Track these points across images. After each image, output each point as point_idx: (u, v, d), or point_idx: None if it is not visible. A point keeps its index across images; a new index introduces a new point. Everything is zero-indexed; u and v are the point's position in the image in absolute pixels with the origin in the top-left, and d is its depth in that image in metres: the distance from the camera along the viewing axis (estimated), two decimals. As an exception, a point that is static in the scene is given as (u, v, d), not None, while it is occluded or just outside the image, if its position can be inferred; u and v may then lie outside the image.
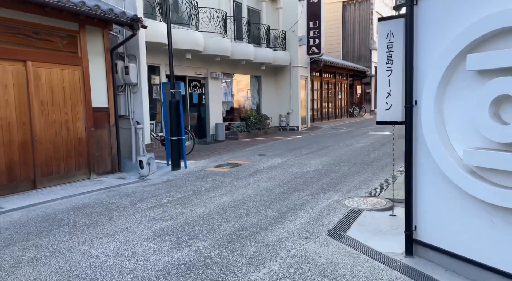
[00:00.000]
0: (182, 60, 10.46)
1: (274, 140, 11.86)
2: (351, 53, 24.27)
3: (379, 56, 4.04)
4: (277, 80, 15.18)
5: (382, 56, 3.98)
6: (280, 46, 14.23)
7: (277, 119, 15.14)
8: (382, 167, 6.79)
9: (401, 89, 3.88)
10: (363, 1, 23.52)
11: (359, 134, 12.65)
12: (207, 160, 8.28)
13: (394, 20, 3.86)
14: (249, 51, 12.02)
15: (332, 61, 17.34)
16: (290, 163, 7.53)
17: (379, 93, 4.07)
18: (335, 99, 20.11)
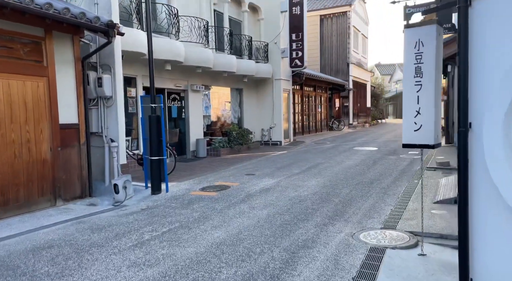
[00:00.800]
0: (161, 71, 9.68)
1: (258, 156, 11.21)
2: (328, 66, 24.24)
3: (405, 69, 3.50)
4: (259, 93, 14.62)
5: (408, 69, 3.44)
6: (262, 58, 13.73)
7: (259, 134, 14.52)
8: (385, 190, 6.26)
9: (434, 107, 3.35)
10: (340, 15, 23.65)
11: (345, 149, 12.23)
12: (190, 182, 7.48)
13: (424, 27, 3.34)
14: (232, 62, 11.40)
15: (314, 74, 17.04)
16: (284, 184, 6.88)
17: (405, 111, 3.52)
18: (315, 112, 19.80)
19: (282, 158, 10.67)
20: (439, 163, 8.04)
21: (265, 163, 9.68)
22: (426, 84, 3.34)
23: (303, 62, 13.91)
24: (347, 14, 23.41)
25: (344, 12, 23.52)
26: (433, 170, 7.84)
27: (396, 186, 6.44)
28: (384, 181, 6.90)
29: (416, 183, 6.63)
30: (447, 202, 5.06)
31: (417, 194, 5.76)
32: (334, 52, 24.10)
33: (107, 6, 7.11)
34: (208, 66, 10.36)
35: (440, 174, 7.33)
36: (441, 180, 6.51)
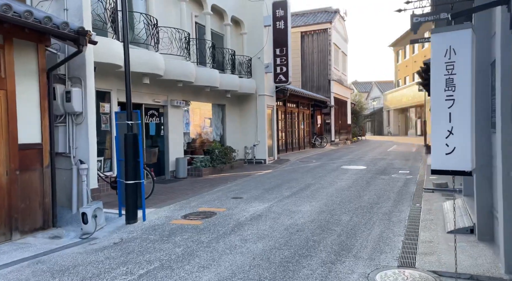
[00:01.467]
0: (139, 85, 8.95)
1: (243, 176, 10.52)
2: (310, 83, 24.09)
3: (433, 81, 2.98)
4: (242, 109, 14.05)
5: (437, 81, 2.93)
6: (245, 73, 13.22)
7: (242, 152, 13.86)
8: (388, 216, 5.71)
9: (470, 126, 2.82)
10: (321, 32, 23.70)
11: (333, 168, 11.73)
12: (171, 207, 6.69)
13: (457, 32, 2.84)
14: (214, 77, 10.80)
15: (297, 90, 16.68)
16: (276, 210, 6.21)
17: (435, 131, 2.98)
18: (298, 129, 19.40)
19: (269, 178, 10.02)
20: (436, 184, 7.62)
21: (252, 184, 9.00)
22: (460, 98, 2.83)
23: (287, 77, 13.50)
24: (328, 31, 23.49)
25: (324, 29, 23.59)
26: (431, 192, 7.40)
27: (398, 211, 5.90)
28: (384, 205, 6.36)
29: (419, 207, 6.13)
30: (462, 232, 4.54)
31: (425, 221, 5.23)
32: (315, 69, 24.02)
33: (78, 12, 6.40)
34: (190, 80, 9.71)
35: (440, 197, 6.88)
36: (444, 205, 6.04)
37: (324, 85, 23.80)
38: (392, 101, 42.97)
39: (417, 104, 36.20)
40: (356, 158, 14.65)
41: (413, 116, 39.62)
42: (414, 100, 36.02)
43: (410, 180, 9.04)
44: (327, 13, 24.87)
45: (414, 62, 40.44)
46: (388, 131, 44.25)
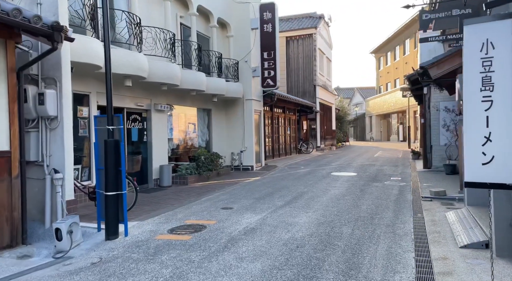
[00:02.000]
0: (120, 88, 8.38)
1: (231, 183, 10.02)
2: (295, 88, 23.87)
3: (465, 79, 2.60)
4: (229, 114, 13.58)
5: (471, 80, 2.55)
6: (232, 77, 12.79)
7: (229, 158, 13.37)
8: (392, 228, 5.35)
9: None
10: (306, 37, 23.57)
11: (323, 175, 11.39)
12: (155, 220, 6.14)
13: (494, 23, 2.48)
14: (201, 80, 10.31)
15: (285, 95, 16.36)
16: (271, 222, 5.76)
17: (468, 138, 2.60)
18: (285, 135, 19.06)
19: (259, 186, 9.57)
20: (435, 192, 7.34)
21: (241, 193, 8.52)
22: (499, 99, 2.46)
23: (275, 81, 13.14)
24: (313, 36, 23.37)
25: (310, 35, 23.46)
26: (430, 200, 7.11)
27: (401, 223, 5.55)
28: (385, 216, 6.00)
29: (421, 218, 5.80)
30: (476, 247, 4.21)
31: (433, 234, 4.89)
32: (300, 74, 23.83)
33: (53, 7, 5.82)
34: (175, 83, 9.19)
35: (440, 206, 6.59)
36: (448, 215, 5.73)
37: (309, 91, 23.62)
38: (374, 107, 43.40)
39: (399, 110, 36.61)
40: (345, 164, 14.39)
41: (395, 122, 40.06)
42: (396, 106, 36.42)
43: (404, 187, 8.77)
44: (312, 19, 24.79)
45: (396, 69, 41.04)
46: (370, 137, 44.62)
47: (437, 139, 11.55)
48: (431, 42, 4.83)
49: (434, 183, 9.03)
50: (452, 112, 11.07)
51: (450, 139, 11.02)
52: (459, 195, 7.06)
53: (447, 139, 11.12)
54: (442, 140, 11.44)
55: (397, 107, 36.40)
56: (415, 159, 16.34)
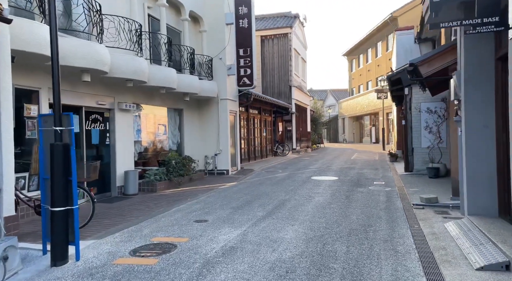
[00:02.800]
0: (78, 84, 7.35)
1: (205, 190, 9.17)
2: (270, 89, 23.26)
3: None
4: (202, 115, 12.70)
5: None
6: (206, 75, 11.92)
7: (202, 162, 12.48)
8: (391, 244, 4.71)
9: None
10: (281, 36, 23.03)
11: (303, 180, 10.74)
12: (116, 238, 5.21)
13: None
14: (171, 77, 9.39)
15: (261, 96, 15.67)
16: (253, 239, 4.98)
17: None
18: (261, 137, 18.35)
19: (236, 193, 8.76)
20: (426, 199, 6.83)
21: (217, 201, 7.69)
22: None
23: (252, 80, 12.40)
24: (288, 36, 22.86)
25: (285, 34, 22.94)
26: (422, 208, 6.58)
27: (399, 237, 4.93)
28: (379, 228, 5.38)
29: (419, 230, 5.22)
30: (495, 269, 3.62)
31: (439, 252, 4.29)
32: (276, 74, 23.24)
33: (-12, -19, 4.79)
34: (142, 80, 8.24)
35: (435, 215, 6.06)
36: (449, 227, 5.18)
37: (285, 91, 23.08)
38: (347, 109, 43.70)
39: (371, 112, 36.92)
40: (324, 168, 13.85)
41: (367, 124, 40.42)
42: (369, 108, 36.71)
43: (391, 193, 8.25)
44: (287, 18, 24.30)
45: (368, 71, 41.47)
46: (343, 139, 44.87)
47: (419, 141, 11.21)
48: (443, 28, 4.30)
49: (420, 188, 8.58)
50: (435, 114, 10.74)
51: (433, 141, 10.68)
52: (452, 202, 6.58)
53: (430, 142, 10.79)
54: (424, 142, 11.10)
55: (369, 109, 36.69)
56: (393, 161, 16.09)
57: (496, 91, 5.09)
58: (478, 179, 5.24)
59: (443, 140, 10.69)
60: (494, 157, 5.14)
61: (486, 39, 5.16)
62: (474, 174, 5.27)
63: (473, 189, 5.27)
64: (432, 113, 10.78)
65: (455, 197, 6.77)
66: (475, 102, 5.27)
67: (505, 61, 4.95)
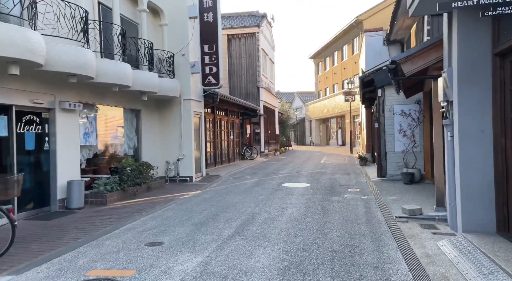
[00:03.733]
0: (4, 78, 6.09)
1: (164, 201, 8.10)
2: (238, 90, 22.38)
3: None
4: (164, 116, 11.57)
5: None
6: (167, 72, 10.83)
7: (163, 168, 11.35)
8: (382, 270, 3.95)
9: None
10: (249, 36, 22.24)
11: (273, 187, 9.93)
12: (40, 271, 4.08)
13: None
14: (125, 72, 8.25)
15: (228, 96, 14.74)
16: (217, 269, 4.04)
17: None
18: (228, 140, 17.40)
19: (199, 204, 7.78)
20: (409, 210, 6.21)
21: (176, 215, 6.67)
22: None
23: (218, 79, 11.45)
24: (256, 35, 22.11)
25: (252, 33, 22.17)
26: (405, 221, 5.94)
27: (391, 261, 4.19)
28: (365, 249, 4.62)
29: (409, 250, 4.52)
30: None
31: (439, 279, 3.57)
32: (243, 75, 22.40)
33: None
34: (88, 75, 7.05)
35: (421, 230, 5.42)
36: (444, 247, 4.51)
37: (253, 93, 22.28)
38: (314, 112, 43.75)
39: (338, 115, 37.04)
40: (295, 173, 13.14)
41: (334, 126, 40.58)
42: (336, 110, 36.81)
43: (368, 202, 7.61)
44: (254, 17, 23.56)
45: (334, 74, 41.69)
46: (310, 141, 44.86)
47: (392, 145, 10.75)
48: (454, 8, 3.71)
49: (398, 196, 8.02)
50: (409, 116, 10.32)
51: (407, 145, 10.23)
52: (438, 214, 5.99)
53: (404, 146, 10.34)
54: (397, 146, 10.66)
55: (336, 112, 36.79)
56: (363, 165, 15.71)
57: (494, 90, 4.51)
58: (473, 190, 4.63)
59: (418, 144, 10.28)
60: (491, 166, 4.55)
61: (483, 31, 4.57)
62: (469, 185, 4.65)
63: (468, 202, 4.66)
64: (406, 116, 10.35)
65: (439, 208, 6.20)
66: (469, 103, 4.66)
67: (504, 56, 4.36)
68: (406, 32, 14.90)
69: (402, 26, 14.12)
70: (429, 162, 9.71)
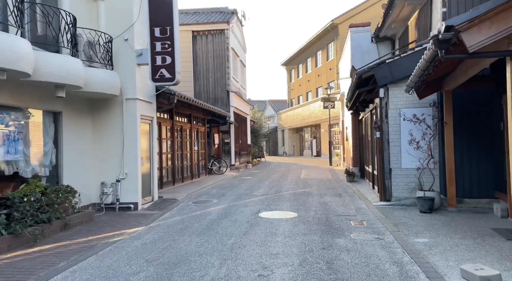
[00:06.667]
0: None
1: (81, 250, 5.17)
2: (205, 94, 19.63)
3: None
4: (99, 122, 8.60)
5: None
6: (103, 62, 7.92)
7: (97, 192, 8.36)
8: None
9: None
10: (217, 33, 19.63)
11: (248, 219, 7.20)
12: None
13: None
14: (17, 51, 5.27)
15: (190, 98, 11.92)
16: None
17: None
18: (192, 151, 14.51)
19: (133, 256, 4.91)
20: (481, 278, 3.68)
21: (80, 293, 3.80)
22: None
23: (174, 73, 8.64)
24: (225, 33, 19.53)
25: (221, 30, 19.58)
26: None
27: None
28: None
29: None
30: None
31: None
32: (211, 77, 19.68)
33: None
34: None
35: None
36: None
37: (222, 97, 19.60)
38: (287, 121, 41.68)
39: (312, 124, 35.01)
40: (273, 193, 10.48)
41: (308, 136, 38.57)
42: (310, 119, 34.78)
43: (392, 250, 5.06)
44: (223, 13, 21.01)
45: (308, 81, 39.83)
46: (283, 152, 42.64)
47: (399, 160, 8.37)
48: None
49: (429, 237, 5.55)
50: (423, 123, 7.97)
51: (423, 160, 7.85)
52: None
53: (418, 161, 7.96)
54: (406, 161, 8.28)
55: (310, 121, 34.79)
56: (351, 181, 13.35)
57: None
58: None
59: (436, 159, 7.95)
60: None
61: None
62: None
63: None
64: (419, 122, 8.00)
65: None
66: None
67: None
68: (400, 25, 12.80)
69: (398, 16, 11.98)
70: (453, 184, 7.36)
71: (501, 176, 7.15)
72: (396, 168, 8.42)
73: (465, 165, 7.72)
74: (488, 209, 7.40)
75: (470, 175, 7.72)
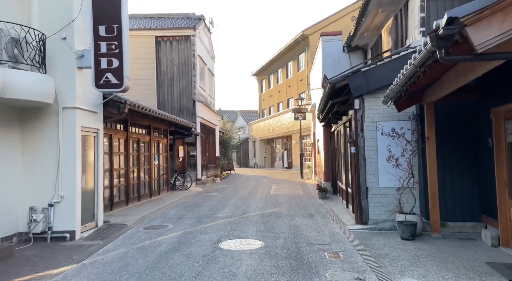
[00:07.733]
0: None
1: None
2: (169, 103, 18.39)
3: None
4: (29, 135, 7.21)
5: None
6: (35, 64, 6.61)
7: (25, 218, 6.94)
8: None
9: None
10: (182, 39, 18.54)
11: (206, 253, 6.06)
12: None
13: None
14: None
15: (145, 107, 10.66)
16: None
17: None
18: (151, 166, 13.17)
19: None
20: None
21: None
22: None
23: (121, 78, 7.43)
24: (191, 39, 18.47)
25: (187, 36, 18.50)
26: None
27: None
28: None
29: None
30: None
31: None
32: (175, 86, 18.48)
33: None
34: None
35: None
36: None
37: (188, 107, 18.41)
38: (258, 132, 40.87)
39: (283, 135, 34.35)
40: (239, 214, 9.38)
41: (279, 147, 37.86)
42: (281, 130, 34.11)
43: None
44: (189, 20, 19.98)
45: (279, 92, 39.31)
46: (254, 163, 41.67)
47: (376, 178, 7.55)
48: None
49: (420, 277, 4.65)
50: (403, 138, 7.19)
51: (403, 180, 7.04)
52: None
53: (398, 180, 7.14)
54: (384, 180, 7.47)
55: (282, 132, 34.12)
56: (323, 197, 12.50)
57: None
58: None
59: (417, 178, 7.17)
60: None
61: None
62: None
63: None
64: (398, 137, 7.21)
65: None
66: None
67: None
68: (373, 34, 12.23)
69: (371, 24, 11.39)
70: (436, 207, 6.58)
71: (487, 197, 6.45)
72: (373, 187, 7.59)
73: (447, 185, 6.99)
74: (474, 234, 6.66)
75: (453, 196, 6.98)
